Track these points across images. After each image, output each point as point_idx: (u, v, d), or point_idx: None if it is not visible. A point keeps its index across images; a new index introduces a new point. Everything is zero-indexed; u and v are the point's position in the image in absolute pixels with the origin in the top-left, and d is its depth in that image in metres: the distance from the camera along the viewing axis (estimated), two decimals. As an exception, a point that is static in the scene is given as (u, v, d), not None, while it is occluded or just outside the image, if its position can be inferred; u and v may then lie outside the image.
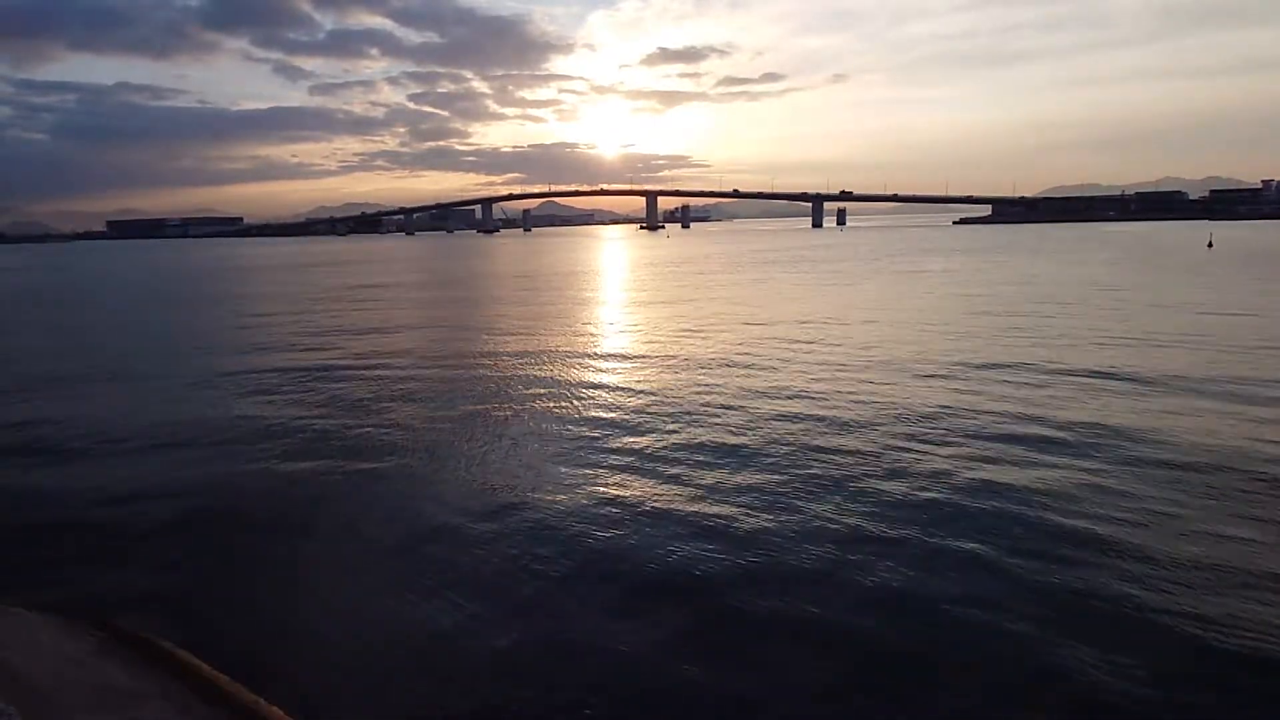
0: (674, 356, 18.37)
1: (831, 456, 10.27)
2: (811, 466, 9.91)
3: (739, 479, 9.59)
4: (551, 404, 14.01)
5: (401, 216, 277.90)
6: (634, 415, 12.90)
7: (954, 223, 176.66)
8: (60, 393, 16.27)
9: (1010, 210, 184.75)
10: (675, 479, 9.70)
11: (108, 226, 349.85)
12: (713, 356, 18.16)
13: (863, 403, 13.14)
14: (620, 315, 28.22)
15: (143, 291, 47.90)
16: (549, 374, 16.83)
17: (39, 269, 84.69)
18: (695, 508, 8.69)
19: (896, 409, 12.58)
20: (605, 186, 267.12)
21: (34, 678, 5.19)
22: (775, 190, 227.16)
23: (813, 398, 13.62)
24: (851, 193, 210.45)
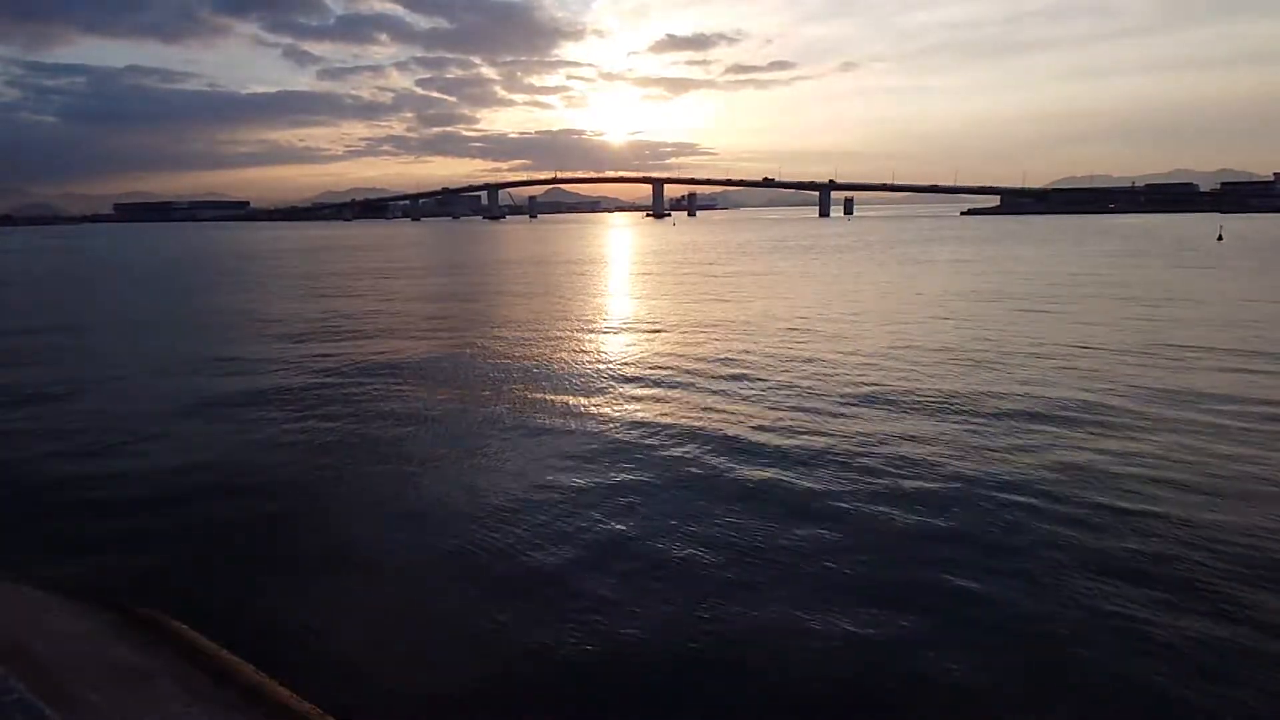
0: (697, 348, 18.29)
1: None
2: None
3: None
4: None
5: (407, 202, 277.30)
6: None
7: (962, 213, 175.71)
8: (87, 371, 16.30)
9: (1019, 201, 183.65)
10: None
11: (115, 209, 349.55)
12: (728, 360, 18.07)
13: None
14: (633, 304, 28.15)
15: (161, 274, 47.98)
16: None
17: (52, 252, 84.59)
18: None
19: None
20: (612, 174, 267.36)
21: (43, 656, 5.18)
22: (782, 179, 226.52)
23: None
24: (858, 182, 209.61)
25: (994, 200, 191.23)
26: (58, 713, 3.78)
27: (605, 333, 20.71)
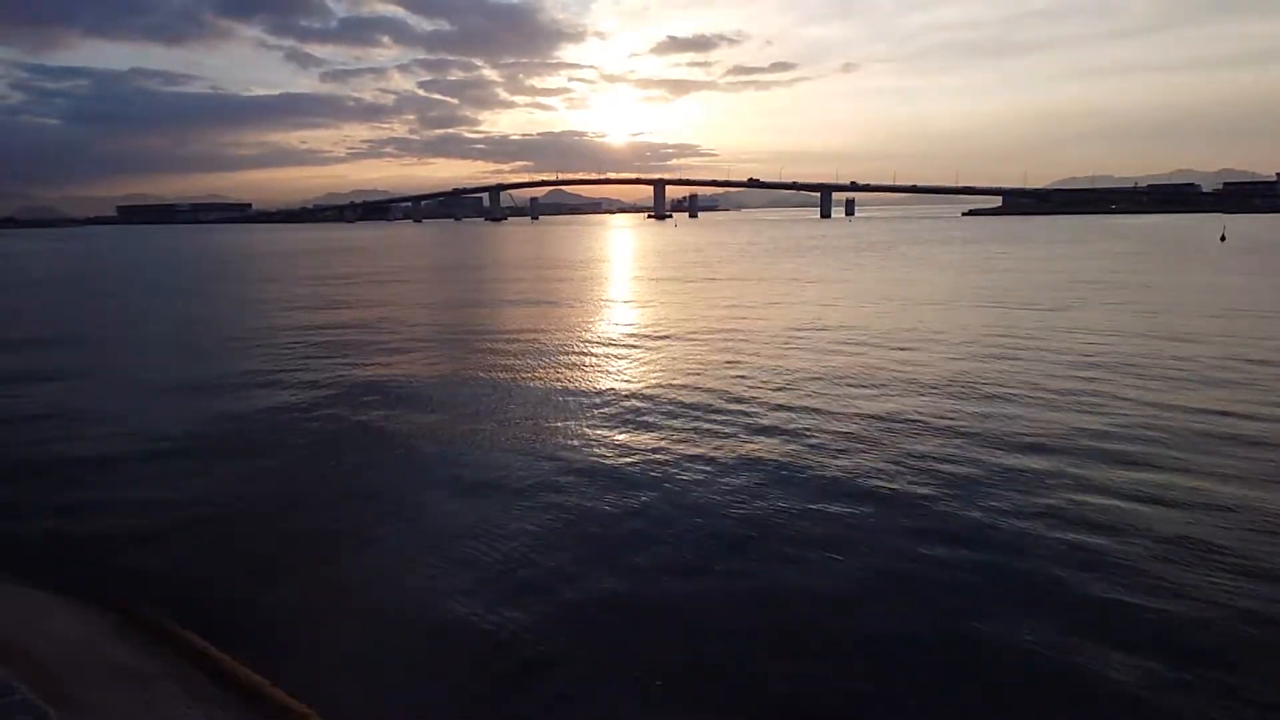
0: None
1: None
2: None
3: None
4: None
5: (409, 204, 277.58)
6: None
7: (964, 214, 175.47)
8: (92, 371, 16.36)
9: (1020, 202, 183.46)
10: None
11: (118, 212, 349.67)
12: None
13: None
14: (634, 308, 28.17)
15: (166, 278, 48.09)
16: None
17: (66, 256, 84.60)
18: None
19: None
20: (613, 175, 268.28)
21: (45, 658, 5.22)
22: (784, 180, 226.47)
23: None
24: (859, 183, 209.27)
25: (996, 201, 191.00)
26: (59, 713, 3.82)
27: (609, 341, 20.73)
